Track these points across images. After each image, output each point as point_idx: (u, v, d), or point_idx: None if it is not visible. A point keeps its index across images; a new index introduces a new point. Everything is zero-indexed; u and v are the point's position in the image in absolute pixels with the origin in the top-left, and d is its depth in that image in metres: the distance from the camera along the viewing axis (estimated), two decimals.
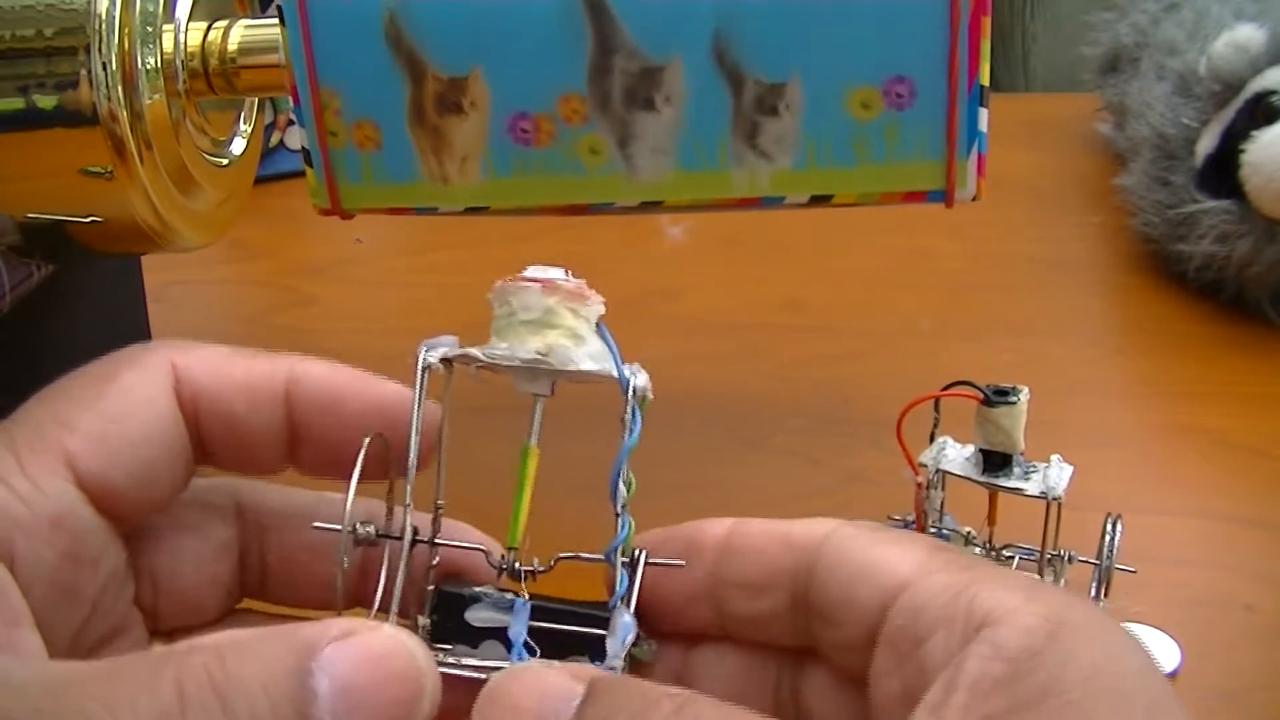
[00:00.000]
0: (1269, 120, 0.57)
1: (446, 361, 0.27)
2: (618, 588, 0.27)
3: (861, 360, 0.57)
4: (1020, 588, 0.22)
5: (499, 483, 0.28)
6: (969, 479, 0.36)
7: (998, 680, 0.20)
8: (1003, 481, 0.35)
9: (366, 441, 0.27)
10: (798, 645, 0.26)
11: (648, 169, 0.40)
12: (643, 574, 0.27)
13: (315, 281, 0.68)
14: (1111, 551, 0.34)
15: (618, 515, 0.27)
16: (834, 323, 0.60)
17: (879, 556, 0.24)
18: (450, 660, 0.26)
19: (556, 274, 0.27)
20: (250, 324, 0.65)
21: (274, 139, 0.76)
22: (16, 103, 0.38)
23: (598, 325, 0.28)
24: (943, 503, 0.36)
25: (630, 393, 0.27)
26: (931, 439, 0.37)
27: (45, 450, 0.24)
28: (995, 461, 0.35)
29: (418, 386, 0.27)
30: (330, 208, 0.41)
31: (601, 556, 0.27)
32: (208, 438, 0.27)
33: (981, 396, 0.34)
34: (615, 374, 0.27)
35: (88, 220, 0.40)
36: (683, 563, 0.27)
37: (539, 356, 0.27)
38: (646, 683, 0.23)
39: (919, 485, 0.36)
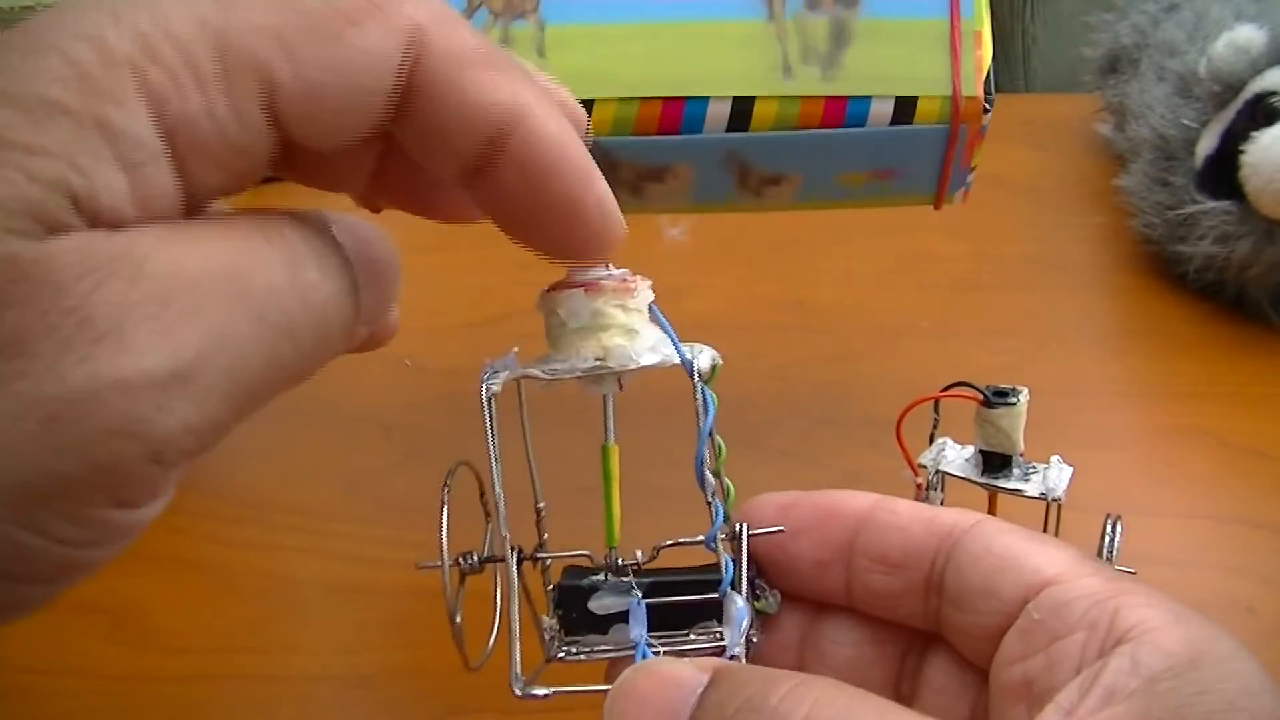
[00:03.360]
0: (1269, 121, 0.56)
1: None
2: (724, 574, 0.26)
3: (861, 360, 0.57)
4: (1169, 610, 0.22)
5: (583, 472, 0.28)
6: (968, 480, 0.35)
7: (1132, 695, 0.21)
8: (1002, 482, 0.35)
9: (452, 469, 0.27)
10: (922, 627, 0.27)
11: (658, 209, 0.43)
12: (760, 542, 0.27)
13: None
14: (1112, 553, 0.34)
15: (709, 503, 0.27)
16: (834, 323, 0.60)
17: (1026, 551, 0.25)
18: (586, 652, 0.27)
19: (598, 273, 0.26)
20: None
21: None
22: None
23: (651, 309, 0.27)
24: (942, 503, 0.36)
25: (695, 375, 0.26)
26: (931, 440, 0.36)
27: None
28: (995, 462, 0.35)
29: (486, 417, 0.26)
30: None
31: (701, 540, 0.27)
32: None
33: (981, 397, 0.34)
34: (677, 360, 0.27)
35: None
36: (782, 529, 0.27)
37: (598, 362, 0.26)
38: (766, 668, 0.24)
39: (918, 486, 0.36)
